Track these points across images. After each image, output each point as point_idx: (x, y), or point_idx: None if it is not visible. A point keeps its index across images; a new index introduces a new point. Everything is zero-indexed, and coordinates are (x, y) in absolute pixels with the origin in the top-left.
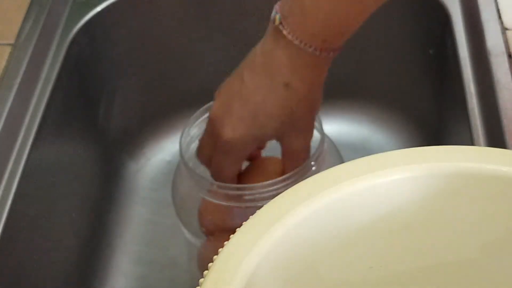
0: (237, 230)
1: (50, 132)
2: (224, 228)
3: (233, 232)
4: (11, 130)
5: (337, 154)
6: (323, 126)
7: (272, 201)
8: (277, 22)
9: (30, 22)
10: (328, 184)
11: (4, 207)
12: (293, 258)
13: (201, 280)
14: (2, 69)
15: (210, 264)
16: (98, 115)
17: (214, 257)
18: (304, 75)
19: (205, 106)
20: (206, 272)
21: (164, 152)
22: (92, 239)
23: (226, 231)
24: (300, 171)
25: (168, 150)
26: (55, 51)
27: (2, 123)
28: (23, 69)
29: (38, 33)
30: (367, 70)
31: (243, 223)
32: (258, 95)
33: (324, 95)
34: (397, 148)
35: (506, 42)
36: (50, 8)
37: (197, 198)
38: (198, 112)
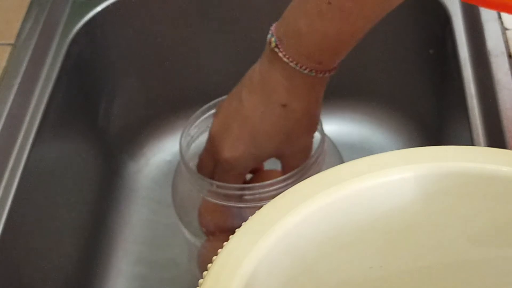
0: (236, 230)
1: (50, 132)
2: (224, 228)
3: (233, 232)
4: (11, 130)
5: (337, 154)
6: (323, 126)
7: (272, 201)
8: (273, 44)
9: (30, 22)
10: (328, 184)
11: (4, 207)
12: (292, 258)
13: (200, 280)
14: (2, 69)
15: (209, 265)
16: (98, 115)
17: (213, 258)
18: (301, 96)
19: (205, 106)
20: (205, 272)
21: (164, 152)
22: (92, 239)
23: (226, 231)
24: (300, 171)
25: (168, 150)
26: (55, 51)
27: (2, 123)
28: (23, 69)
29: (38, 33)
30: (367, 70)
31: (243, 224)
32: (256, 115)
33: (324, 95)
34: (397, 148)
35: (506, 42)
36: (50, 8)
37: (197, 198)
38: (198, 112)
